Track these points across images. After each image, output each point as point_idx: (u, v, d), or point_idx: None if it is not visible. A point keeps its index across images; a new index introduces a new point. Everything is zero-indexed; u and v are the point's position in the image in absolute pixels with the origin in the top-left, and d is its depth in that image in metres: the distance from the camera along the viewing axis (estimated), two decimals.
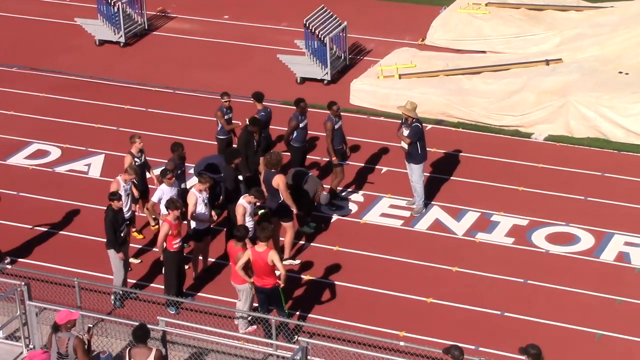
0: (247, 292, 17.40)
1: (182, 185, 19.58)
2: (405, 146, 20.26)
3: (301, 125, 20.81)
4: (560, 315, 18.00)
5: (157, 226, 19.89)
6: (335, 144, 20.64)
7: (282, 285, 17.07)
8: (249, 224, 18.27)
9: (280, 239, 19.31)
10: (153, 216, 19.71)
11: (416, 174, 20.43)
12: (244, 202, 18.21)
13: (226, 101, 21.33)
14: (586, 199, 21.27)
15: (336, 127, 20.64)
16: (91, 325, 15.81)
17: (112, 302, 18.26)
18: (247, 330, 17.51)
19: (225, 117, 21.27)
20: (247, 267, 17.10)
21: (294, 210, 19.05)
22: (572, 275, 19.02)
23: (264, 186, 19.14)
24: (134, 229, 20.04)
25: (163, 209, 18.48)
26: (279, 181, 18.81)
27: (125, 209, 18.71)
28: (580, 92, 23.53)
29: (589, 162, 22.49)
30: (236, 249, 17.25)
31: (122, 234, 18.03)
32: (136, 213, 19.63)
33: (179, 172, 19.52)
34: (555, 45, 26.34)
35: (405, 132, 20.27)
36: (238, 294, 17.63)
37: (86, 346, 15.50)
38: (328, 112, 20.75)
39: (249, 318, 17.51)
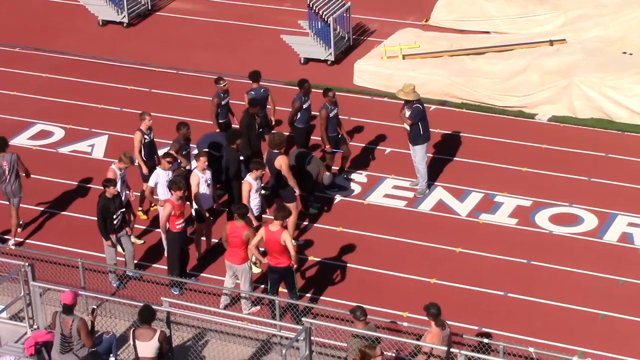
0: (247, 272, 17.40)
1: (188, 167, 19.56)
2: (408, 127, 20.23)
3: (304, 106, 20.78)
4: (563, 295, 18.02)
5: (155, 206, 19.89)
6: (329, 131, 20.57)
7: (294, 266, 17.10)
8: (255, 200, 18.27)
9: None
10: (155, 196, 19.70)
11: (419, 155, 20.42)
12: (250, 179, 18.21)
13: (224, 85, 21.16)
14: (590, 179, 21.26)
15: (331, 115, 20.56)
16: (95, 307, 15.86)
17: (111, 281, 18.28)
18: (251, 310, 17.55)
19: (223, 101, 21.16)
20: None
21: (297, 192, 19.05)
22: (575, 256, 19.03)
23: (267, 167, 19.15)
24: (140, 208, 20.03)
25: (161, 194, 18.48)
26: (281, 162, 18.81)
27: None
28: (584, 72, 23.48)
29: (593, 143, 22.46)
30: (239, 228, 17.22)
31: (115, 222, 17.96)
32: (131, 198, 19.48)
33: (183, 152, 19.51)
34: (559, 26, 26.26)
35: (408, 113, 20.25)
36: (229, 274, 17.60)
37: (90, 327, 15.55)
38: (323, 96, 20.63)
39: (249, 297, 17.53)
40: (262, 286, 18.06)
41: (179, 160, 19.21)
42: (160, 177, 18.60)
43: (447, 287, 18.37)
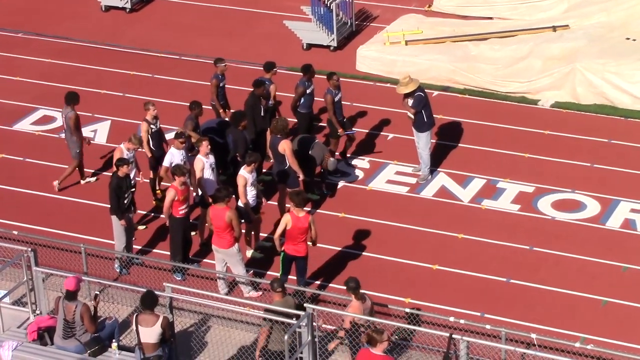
0: (236, 255, 17.36)
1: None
2: (412, 116, 20.21)
3: (308, 91, 20.77)
4: (565, 282, 18.03)
5: (159, 191, 19.93)
6: (336, 115, 20.60)
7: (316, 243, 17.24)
8: (251, 193, 18.23)
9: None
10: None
11: (422, 141, 20.40)
12: (245, 173, 18.13)
13: (224, 65, 21.11)
14: (592, 165, 21.24)
15: (336, 99, 20.55)
16: (97, 292, 15.88)
17: (117, 268, 18.31)
18: (250, 294, 17.54)
19: (221, 83, 21.13)
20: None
21: (300, 176, 19.05)
22: (578, 242, 19.03)
23: (270, 152, 19.13)
24: (158, 189, 19.91)
25: None
26: (285, 146, 18.80)
27: None
28: (586, 58, 23.44)
29: (596, 129, 22.44)
30: (220, 210, 17.12)
31: (125, 201, 18.04)
32: (140, 180, 19.56)
33: (198, 130, 19.55)
34: (562, 12, 26.21)
35: (410, 102, 20.20)
36: (218, 259, 17.56)
37: (92, 313, 15.58)
38: (327, 81, 20.60)
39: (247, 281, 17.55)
40: (252, 271, 18.06)
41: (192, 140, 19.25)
42: (175, 156, 18.62)
43: (449, 273, 18.38)
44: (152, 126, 19.66)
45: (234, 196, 17.93)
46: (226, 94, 21.35)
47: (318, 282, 18.14)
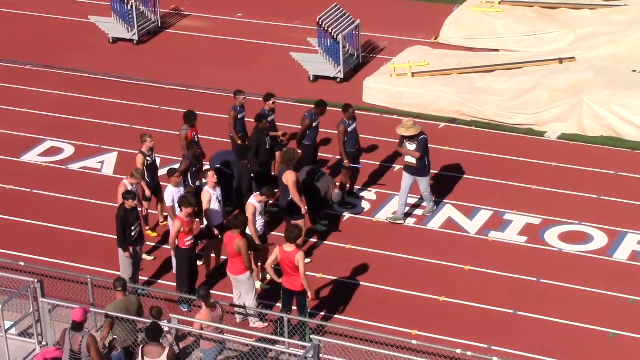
0: (246, 283, 17.37)
1: (197, 183, 19.60)
2: (414, 160, 19.94)
3: (314, 124, 20.86)
4: (573, 314, 17.97)
5: (165, 222, 19.94)
6: (348, 146, 20.57)
7: (309, 297, 17.03)
8: (260, 222, 18.27)
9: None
10: (165, 214, 19.76)
11: (424, 184, 20.15)
12: (254, 201, 18.21)
13: (243, 98, 21.28)
14: (599, 197, 21.22)
15: (349, 129, 20.57)
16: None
17: None
18: (256, 325, 17.51)
19: (240, 115, 21.25)
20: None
21: (303, 209, 19.04)
22: (585, 274, 18.98)
23: (278, 182, 19.19)
24: (147, 227, 20.08)
25: (177, 210, 18.52)
26: (288, 177, 18.83)
27: None
28: (593, 90, 23.48)
29: (603, 161, 22.44)
30: (232, 237, 17.28)
31: (133, 233, 18.06)
32: (144, 213, 19.60)
33: (194, 169, 19.57)
34: (569, 44, 26.28)
35: (411, 146, 19.89)
36: (234, 286, 17.60)
37: (105, 351, 15.60)
38: (342, 113, 20.62)
39: (252, 313, 17.52)
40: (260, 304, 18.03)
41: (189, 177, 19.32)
42: (175, 194, 18.67)
43: (456, 305, 18.32)
44: (147, 158, 19.75)
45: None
46: (246, 126, 21.41)
47: (323, 314, 18.10)
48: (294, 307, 17.36)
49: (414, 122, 20.01)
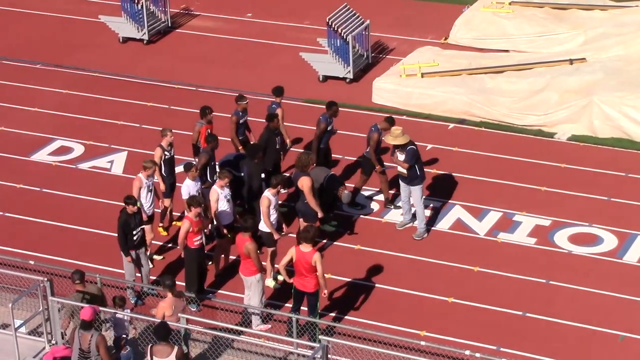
0: (255, 284, 17.38)
1: (215, 178, 19.57)
2: (404, 170, 19.69)
3: (329, 128, 20.83)
4: (582, 316, 17.93)
5: (177, 223, 19.96)
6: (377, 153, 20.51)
7: (325, 294, 17.01)
8: (274, 215, 18.31)
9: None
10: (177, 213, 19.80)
11: (416, 195, 19.85)
12: (269, 195, 18.26)
13: (245, 103, 21.17)
14: (609, 199, 21.17)
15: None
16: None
17: (129, 297, 18.32)
18: (259, 327, 17.49)
19: (241, 120, 21.15)
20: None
21: (319, 214, 19.02)
22: (595, 276, 18.94)
23: (295, 186, 19.19)
24: (160, 224, 20.08)
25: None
26: (303, 183, 18.80)
27: (147, 205, 18.81)
28: (604, 91, 23.43)
29: (613, 162, 22.38)
30: (242, 239, 17.28)
31: (135, 237, 18.03)
32: (161, 208, 19.65)
33: (212, 163, 19.62)
34: (579, 45, 26.23)
35: (401, 156, 19.68)
36: (245, 287, 17.62)
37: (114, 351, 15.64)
38: (376, 122, 20.59)
39: (264, 314, 17.51)
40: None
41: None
42: (191, 188, 18.68)
43: (465, 306, 18.30)
44: (166, 153, 19.74)
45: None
46: (249, 127, 21.35)
47: (333, 315, 18.09)
48: (303, 307, 17.36)
49: (402, 132, 19.72)
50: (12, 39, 28.74)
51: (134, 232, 17.98)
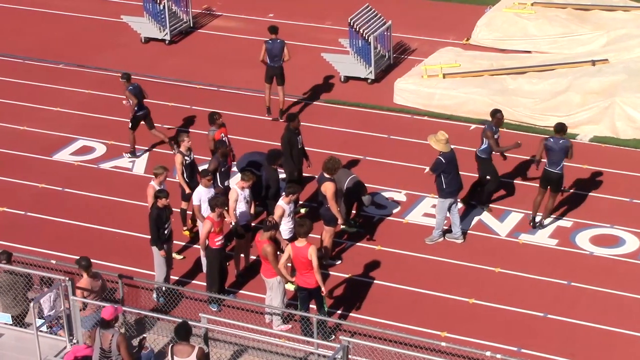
0: (276, 286, 17.39)
1: (226, 183, 19.64)
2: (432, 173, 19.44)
3: (495, 136, 20.54)
4: (603, 317, 17.86)
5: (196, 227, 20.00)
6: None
7: (323, 292, 17.04)
8: (289, 224, 18.26)
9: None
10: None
11: (438, 206, 19.69)
12: (283, 204, 18.20)
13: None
14: (631, 200, 21.08)
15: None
16: (145, 336, 15.98)
17: (155, 298, 18.38)
18: (280, 327, 17.50)
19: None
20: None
21: (339, 220, 18.97)
22: (616, 277, 18.86)
23: (318, 189, 19.12)
24: (185, 228, 20.11)
25: (204, 211, 18.54)
26: (327, 188, 18.70)
27: None
28: (626, 92, 23.33)
29: (635, 164, 22.29)
30: (260, 242, 17.29)
31: (165, 232, 18.12)
32: (188, 211, 19.68)
33: (222, 169, 19.60)
34: (602, 46, 26.13)
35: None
36: (267, 288, 17.64)
37: (135, 350, 15.66)
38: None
39: (284, 315, 17.53)
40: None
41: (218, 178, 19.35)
42: (203, 194, 18.69)
43: (486, 307, 18.27)
44: (186, 158, 19.77)
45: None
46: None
47: (353, 314, 18.09)
48: (312, 306, 17.37)
49: (446, 140, 19.39)
50: (35, 39, 28.88)
51: (165, 226, 18.05)
